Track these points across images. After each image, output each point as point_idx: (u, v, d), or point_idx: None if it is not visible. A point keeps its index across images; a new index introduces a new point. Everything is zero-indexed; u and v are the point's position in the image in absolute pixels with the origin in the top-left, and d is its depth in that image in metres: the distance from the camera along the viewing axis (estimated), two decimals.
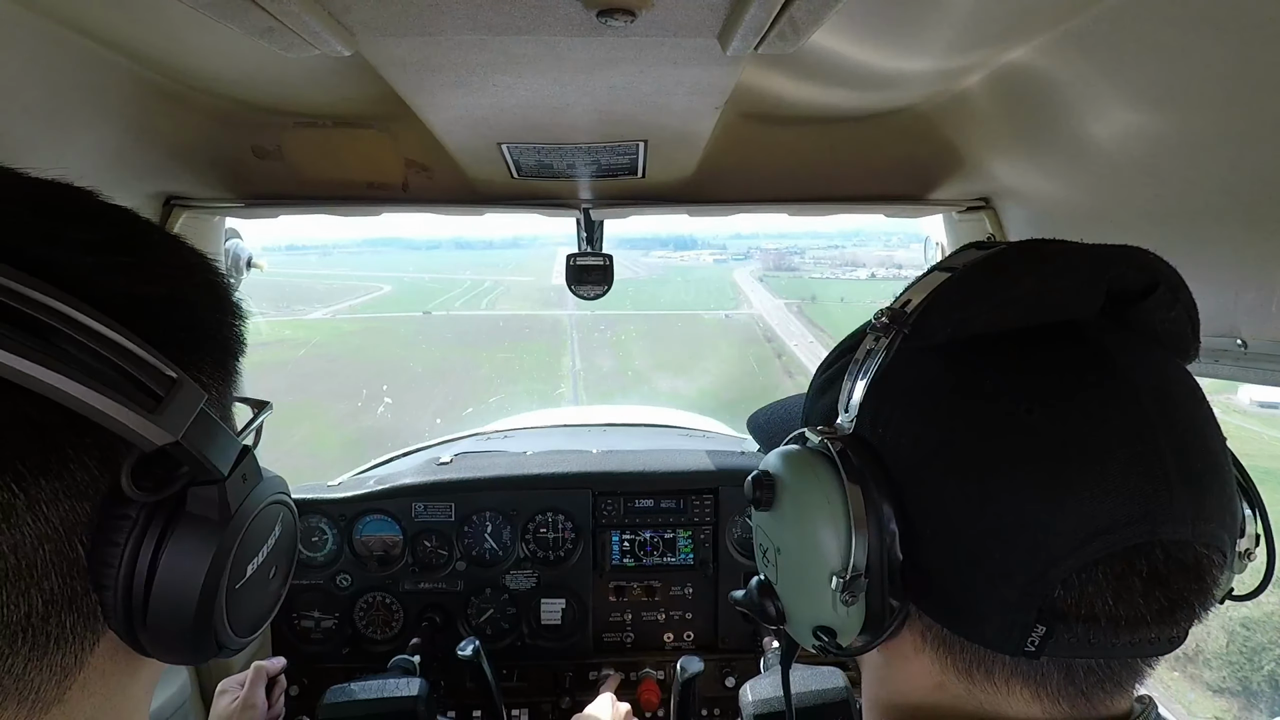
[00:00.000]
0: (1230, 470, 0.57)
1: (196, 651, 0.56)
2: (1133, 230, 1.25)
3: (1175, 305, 0.60)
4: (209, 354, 0.59)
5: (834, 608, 0.59)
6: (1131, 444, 0.52)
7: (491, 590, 2.07)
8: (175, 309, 0.56)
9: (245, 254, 1.93)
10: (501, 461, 2.19)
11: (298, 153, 1.54)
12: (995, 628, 0.54)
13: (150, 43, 1.11)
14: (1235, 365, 1.09)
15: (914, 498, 0.57)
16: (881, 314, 0.61)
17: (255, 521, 0.58)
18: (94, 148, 1.24)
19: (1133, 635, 0.52)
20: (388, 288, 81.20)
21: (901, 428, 0.59)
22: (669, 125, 1.26)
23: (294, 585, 2.02)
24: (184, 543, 0.53)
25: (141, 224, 0.59)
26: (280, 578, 0.66)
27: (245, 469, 0.56)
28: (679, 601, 2.11)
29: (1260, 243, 1.01)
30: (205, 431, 0.52)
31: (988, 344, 0.57)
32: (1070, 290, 0.56)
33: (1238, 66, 0.86)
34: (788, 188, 1.67)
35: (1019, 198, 1.58)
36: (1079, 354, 0.56)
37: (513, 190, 1.66)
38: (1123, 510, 0.51)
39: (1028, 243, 0.62)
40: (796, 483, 0.63)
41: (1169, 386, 0.56)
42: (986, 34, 1.05)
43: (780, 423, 0.86)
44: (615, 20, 0.80)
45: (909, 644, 0.61)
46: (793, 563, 0.64)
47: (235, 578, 0.56)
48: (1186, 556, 0.52)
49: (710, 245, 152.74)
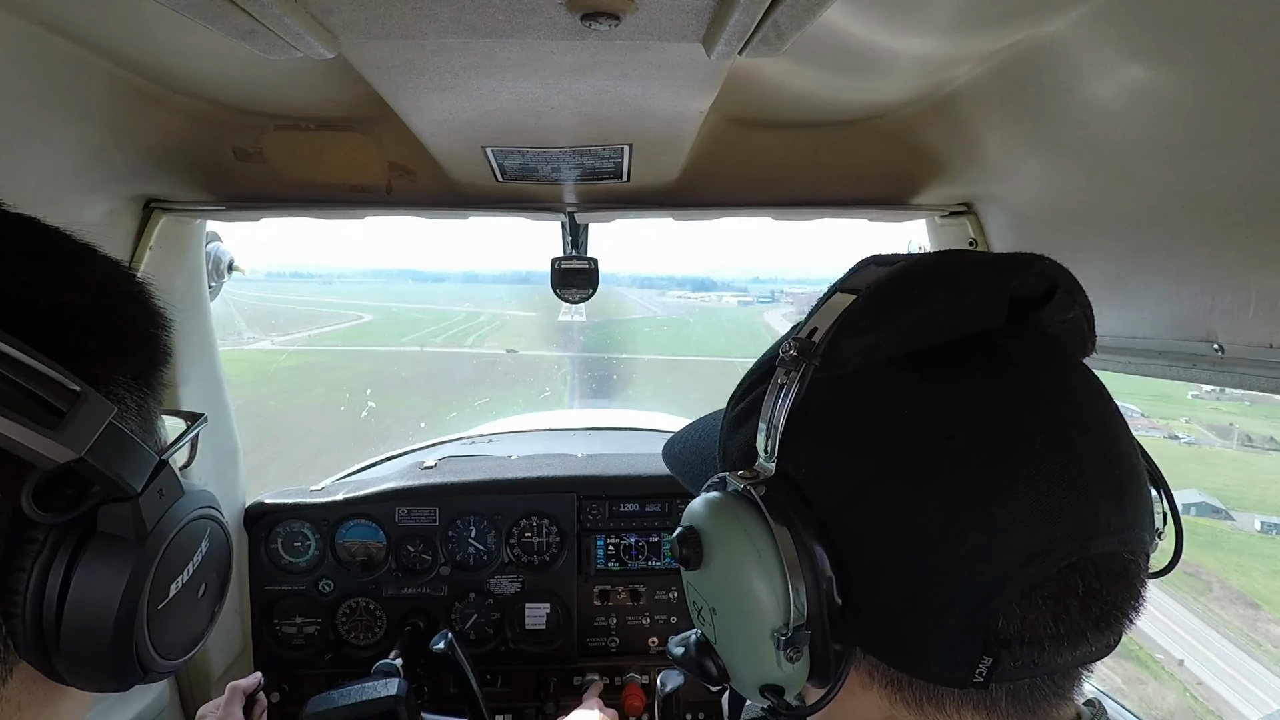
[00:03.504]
0: (1142, 466, 0.57)
1: (119, 677, 0.53)
2: (1110, 233, 1.27)
3: (1073, 307, 0.61)
4: (130, 366, 0.56)
5: (778, 665, 0.57)
6: (1054, 460, 0.51)
7: (475, 595, 2.06)
8: (85, 321, 0.53)
9: (226, 257, 1.91)
10: (486, 465, 2.19)
11: (279, 155, 1.53)
12: (942, 662, 0.53)
13: (129, 44, 1.09)
14: (1212, 370, 1.10)
15: (845, 535, 0.56)
16: (789, 345, 0.58)
17: (177, 538, 0.56)
18: (71, 149, 1.22)
19: (1074, 650, 0.53)
20: (368, 317, 79.10)
21: (823, 464, 0.57)
22: (653, 129, 1.26)
23: (276, 591, 2.00)
24: (96, 564, 0.50)
25: (51, 234, 0.56)
26: (212, 595, 0.63)
27: (162, 484, 0.54)
28: (664, 605, 2.11)
29: (1235, 247, 1.02)
30: (115, 447, 0.49)
31: (899, 365, 0.56)
32: (977, 304, 0.56)
33: (1213, 72, 0.87)
34: (771, 192, 1.67)
35: (1000, 202, 1.59)
36: (991, 367, 0.55)
37: (497, 193, 1.66)
38: (1054, 530, 0.50)
39: (929, 257, 0.61)
40: (723, 537, 0.60)
41: (1079, 391, 0.56)
42: (967, 39, 1.06)
43: (696, 453, 0.83)
44: (599, 24, 0.79)
45: (855, 682, 0.60)
46: (730, 621, 0.62)
47: (156, 598, 0.54)
48: (1115, 566, 0.53)
49: (731, 288, 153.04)
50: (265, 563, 2.01)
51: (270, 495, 2.05)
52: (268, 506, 2.01)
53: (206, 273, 1.84)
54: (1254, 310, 1.01)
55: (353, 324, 73.19)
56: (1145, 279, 1.21)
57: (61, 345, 0.48)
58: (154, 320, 0.61)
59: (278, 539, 2.01)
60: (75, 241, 0.58)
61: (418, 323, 73.79)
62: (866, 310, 0.56)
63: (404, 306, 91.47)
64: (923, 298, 0.56)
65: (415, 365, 52.96)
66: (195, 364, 1.76)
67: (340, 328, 70.64)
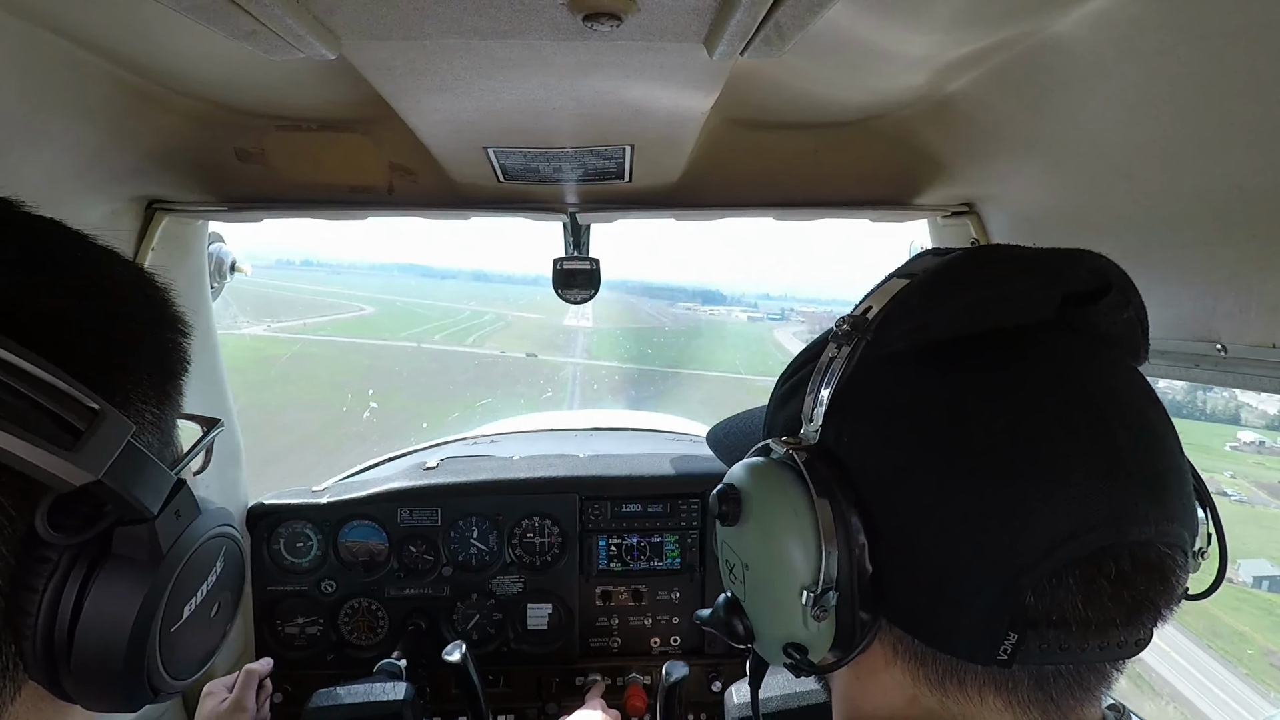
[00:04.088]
0: (1188, 470, 0.58)
1: (129, 700, 0.52)
2: (1111, 234, 1.27)
3: (1127, 308, 0.61)
4: (147, 376, 0.55)
5: (804, 624, 0.58)
6: (1093, 446, 0.52)
7: (477, 595, 2.06)
8: (104, 329, 0.52)
9: (229, 258, 1.92)
10: (488, 466, 2.18)
11: (281, 156, 1.53)
12: (967, 637, 0.54)
13: (130, 45, 1.09)
14: (1215, 370, 1.10)
15: (881, 509, 0.57)
16: (843, 321, 0.60)
17: (192, 560, 0.54)
18: (73, 150, 1.23)
19: (1102, 639, 0.53)
20: (370, 309, 78.39)
21: (866, 438, 0.59)
22: (655, 129, 1.26)
23: (278, 591, 2.00)
24: (110, 587, 0.49)
25: (62, 237, 0.55)
26: (225, 613, 0.62)
27: (179, 505, 0.53)
28: (666, 606, 2.11)
29: (1237, 247, 1.02)
30: (132, 467, 0.48)
31: (947, 351, 0.57)
32: (1027, 294, 0.57)
33: (1213, 73, 0.87)
34: (773, 192, 1.67)
35: (1001, 203, 1.59)
36: (1038, 357, 0.56)
37: (498, 194, 1.66)
38: (1089, 514, 0.51)
39: (984, 248, 0.62)
40: (763, 496, 0.62)
41: (1125, 389, 0.57)
42: (969, 39, 1.06)
43: (742, 435, 0.85)
44: (601, 24, 0.79)
45: (879, 658, 0.61)
46: (761, 579, 0.63)
47: (170, 620, 0.53)
48: (1151, 556, 0.53)
49: (741, 302, 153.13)
50: (267, 563, 2.01)
51: (272, 496, 2.05)
52: (270, 507, 2.01)
53: (209, 273, 1.84)
54: (1256, 311, 1.01)
55: (353, 315, 72.52)
56: (1147, 280, 1.20)
57: (79, 357, 0.47)
58: (175, 327, 0.59)
59: (280, 539, 2.02)
60: (96, 246, 0.57)
61: (421, 318, 73.17)
62: (918, 292, 0.59)
63: (407, 301, 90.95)
64: (973, 283, 0.58)
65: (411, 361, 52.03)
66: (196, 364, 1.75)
67: (332, 319, 69.42)
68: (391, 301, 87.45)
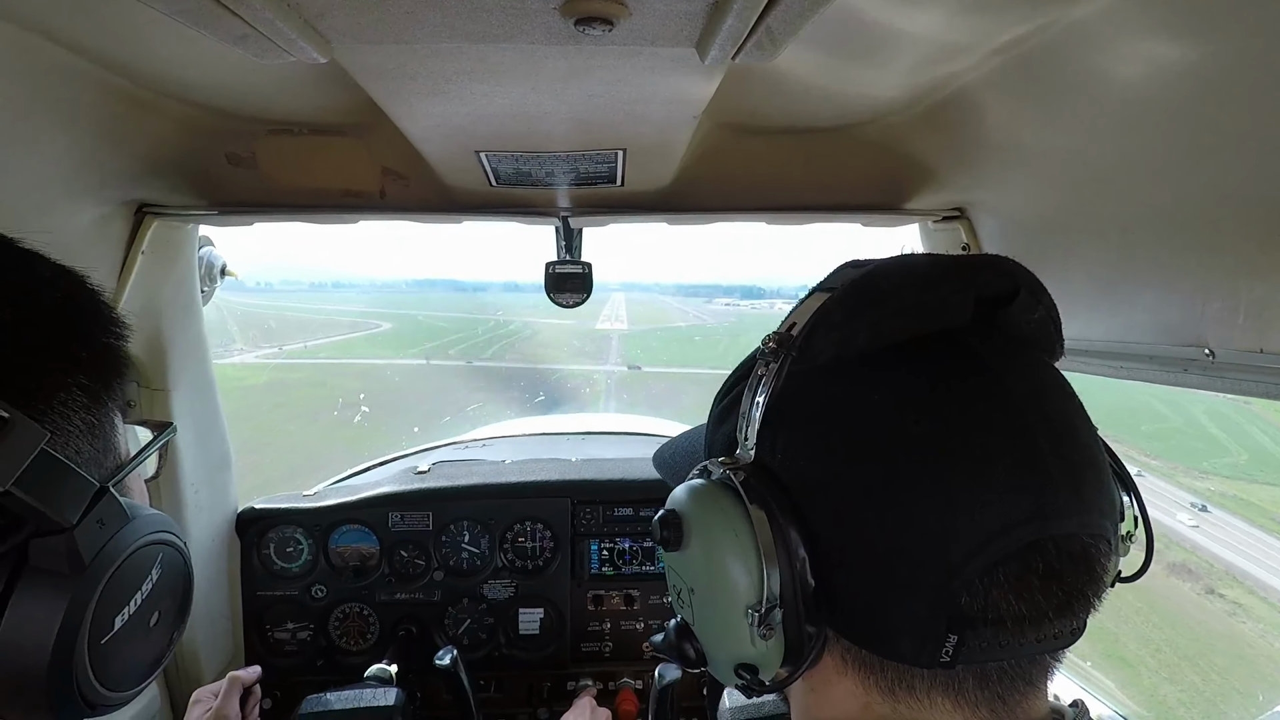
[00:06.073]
0: (1105, 460, 0.59)
1: (61, 714, 0.50)
2: (1101, 240, 1.27)
3: (1037, 308, 0.63)
4: (80, 380, 0.53)
5: (752, 642, 0.59)
6: (1013, 445, 0.54)
7: (469, 600, 2.05)
8: (27, 334, 0.50)
9: (219, 262, 1.91)
10: (480, 470, 2.18)
11: (272, 160, 1.52)
12: (910, 642, 0.55)
13: (120, 49, 1.09)
14: (1204, 375, 1.11)
15: (819, 520, 0.58)
16: (769, 339, 0.62)
17: (121, 569, 0.53)
18: (62, 155, 1.22)
19: (1038, 632, 0.54)
20: (386, 325, 77.59)
21: (799, 451, 0.60)
22: (647, 134, 1.26)
23: (268, 596, 1.99)
24: (28, 600, 0.47)
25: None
26: (168, 622, 0.60)
27: (102, 513, 0.51)
28: (658, 610, 2.11)
29: (1225, 254, 1.03)
30: (47, 476, 0.46)
31: (871, 360, 0.58)
32: (943, 301, 0.58)
33: (1197, 81, 0.87)
34: (765, 197, 1.68)
35: (991, 208, 1.60)
36: (957, 361, 0.58)
37: (491, 198, 1.66)
38: (1014, 512, 0.52)
39: (899, 258, 0.64)
40: (702, 518, 0.63)
41: (1041, 385, 0.59)
42: (960, 46, 1.07)
43: (684, 456, 0.86)
44: (593, 29, 0.80)
45: (831, 669, 0.62)
46: (707, 601, 0.64)
47: (99, 632, 0.51)
48: (1075, 548, 0.54)
49: (781, 295, 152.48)
50: (257, 568, 2.00)
51: (262, 500, 2.04)
52: (259, 512, 2.00)
53: (199, 278, 1.83)
54: (1244, 316, 1.01)
55: (364, 334, 71.37)
56: (1136, 285, 1.22)
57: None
58: (108, 329, 0.57)
59: (270, 544, 2.00)
60: (16, 249, 0.55)
61: (440, 332, 72.14)
62: (840, 305, 0.60)
63: (430, 314, 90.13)
64: (891, 293, 0.59)
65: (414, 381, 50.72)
66: (186, 370, 1.75)
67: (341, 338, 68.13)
68: (412, 316, 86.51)
